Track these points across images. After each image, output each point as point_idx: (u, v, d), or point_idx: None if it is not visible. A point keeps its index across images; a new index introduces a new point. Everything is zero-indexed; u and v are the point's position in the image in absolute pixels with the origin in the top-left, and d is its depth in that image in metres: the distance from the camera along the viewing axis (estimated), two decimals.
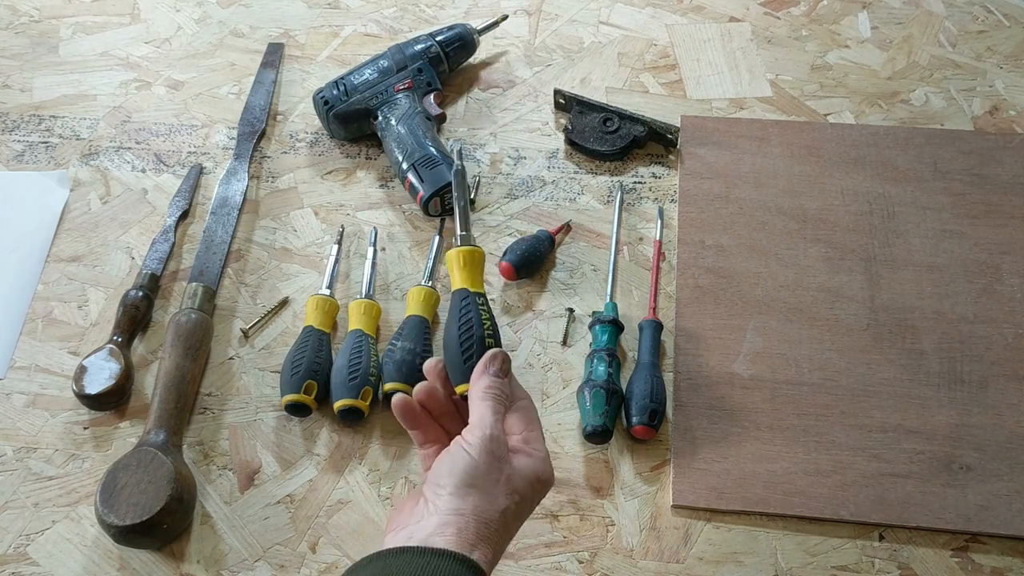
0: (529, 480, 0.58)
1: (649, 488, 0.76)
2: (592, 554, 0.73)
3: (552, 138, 0.97)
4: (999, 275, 0.86)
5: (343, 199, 0.93)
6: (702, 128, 0.96)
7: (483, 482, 0.56)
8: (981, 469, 0.76)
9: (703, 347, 0.83)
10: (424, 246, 0.90)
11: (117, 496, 0.71)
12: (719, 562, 0.73)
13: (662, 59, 1.03)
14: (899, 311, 0.84)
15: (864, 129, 0.96)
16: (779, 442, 0.78)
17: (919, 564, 0.73)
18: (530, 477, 0.58)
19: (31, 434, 0.80)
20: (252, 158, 0.96)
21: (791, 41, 1.04)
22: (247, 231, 0.91)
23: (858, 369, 0.81)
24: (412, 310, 0.83)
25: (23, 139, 0.98)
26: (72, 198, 0.94)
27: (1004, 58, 1.02)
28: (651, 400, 0.77)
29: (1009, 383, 0.80)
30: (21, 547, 0.75)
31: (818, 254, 0.88)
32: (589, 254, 0.89)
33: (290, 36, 1.06)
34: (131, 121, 1.00)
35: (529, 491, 0.58)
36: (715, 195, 0.92)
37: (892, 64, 1.02)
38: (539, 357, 0.83)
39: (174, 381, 0.78)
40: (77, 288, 0.88)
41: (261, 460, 0.78)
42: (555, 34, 1.06)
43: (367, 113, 0.94)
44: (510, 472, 0.57)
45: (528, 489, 0.58)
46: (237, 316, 0.86)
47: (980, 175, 0.92)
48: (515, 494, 0.57)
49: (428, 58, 0.97)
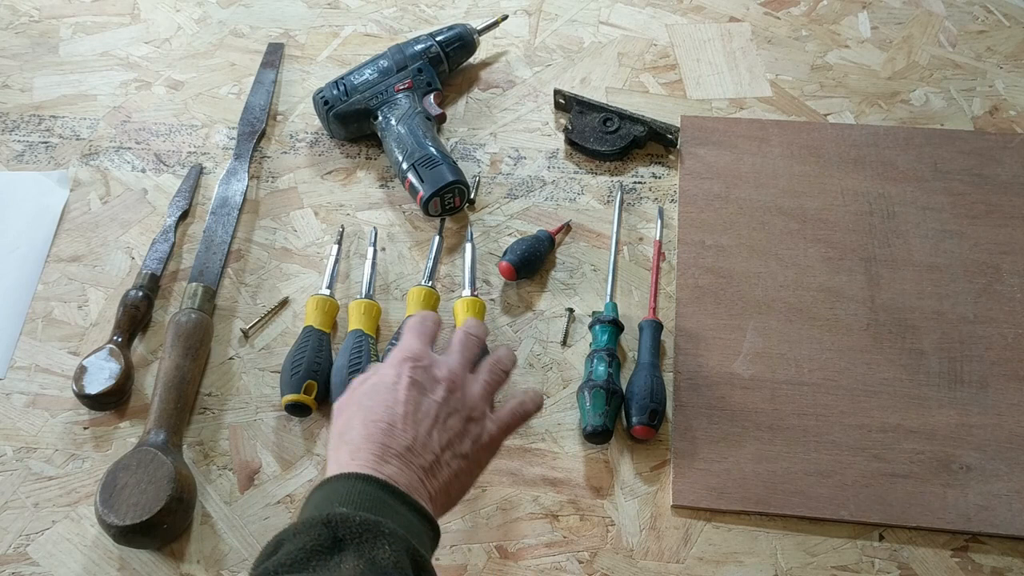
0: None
1: (649, 488, 0.76)
2: (592, 554, 0.73)
3: (552, 138, 0.97)
4: (999, 275, 0.86)
5: (343, 199, 0.93)
6: (702, 128, 0.96)
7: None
8: (981, 469, 0.76)
9: (703, 347, 0.83)
10: (424, 246, 0.90)
11: (117, 496, 0.71)
12: (719, 562, 0.73)
13: (662, 59, 1.03)
14: (899, 311, 0.84)
15: (864, 129, 0.96)
16: (779, 442, 0.78)
17: (919, 564, 0.73)
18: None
19: (31, 434, 0.80)
20: (252, 158, 0.96)
21: (791, 41, 1.04)
22: (247, 231, 0.91)
23: (858, 369, 0.81)
24: (412, 310, 0.83)
25: (23, 139, 0.99)
26: (72, 198, 0.94)
27: (1004, 58, 1.02)
28: (651, 400, 0.77)
29: (1009, 383, 0.80)
30: (21, 547, 0.75)
31: (818, 254, 0.88)
32: (589, 254, 0.89)
33: (290, 36, 1.06)
34: (131, 121, 1.00)
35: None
36: (715, 195, 0.92)
37: (892, 64, 1.02)
38: (539, 357, 0.83)
39: (174, 381, 0.78)
40: (77, 288, 0.88)
41: (261, 460, 0.78)
42: (555, 34, 1.06)
43: (367, 113, 0.94)
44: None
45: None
46: (237, 316, 0.86)
47: (980, 175, 0.92)
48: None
49: (428, 58, 0.97)
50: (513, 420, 0.68)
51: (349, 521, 0.54)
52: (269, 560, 0.54)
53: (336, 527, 0.54)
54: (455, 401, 0.65)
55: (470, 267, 0.86)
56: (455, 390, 0.65)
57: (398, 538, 0.55)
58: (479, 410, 0.66)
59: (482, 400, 0.66)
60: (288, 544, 0.54)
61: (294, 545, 0.53)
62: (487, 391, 0.67)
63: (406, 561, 0.54)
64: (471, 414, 0.65)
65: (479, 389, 0.67)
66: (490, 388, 0.68)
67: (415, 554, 0.55)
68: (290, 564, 0.52)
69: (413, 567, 0.55)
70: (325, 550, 0.53)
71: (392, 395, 0.63)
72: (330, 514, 0.55)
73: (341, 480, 0.58)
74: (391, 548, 0.54)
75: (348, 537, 0.54)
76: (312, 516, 0.55)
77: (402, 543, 0.55)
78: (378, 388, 0.64)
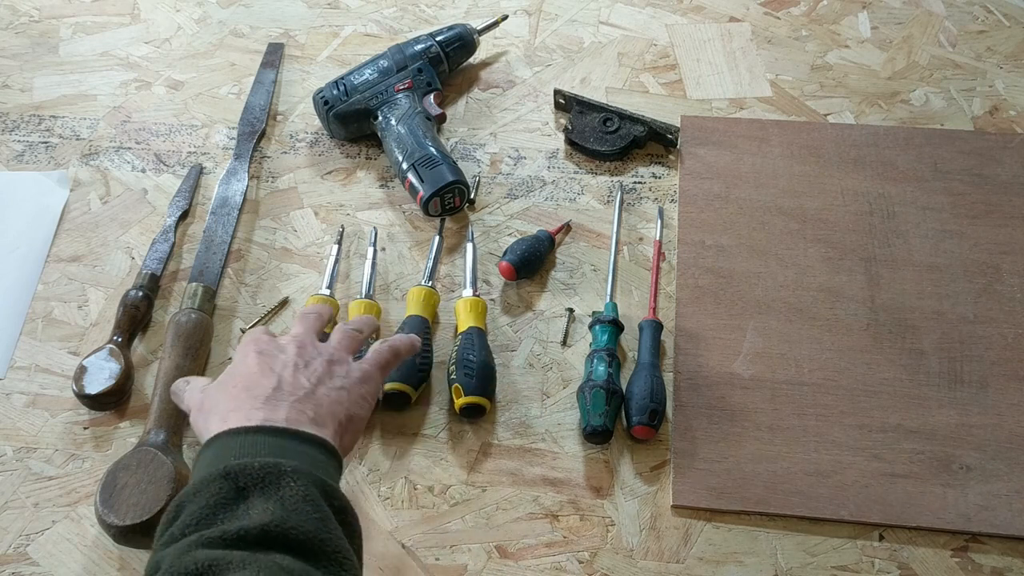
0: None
1: (649, 488, 0.76)
2: (592, 554, 0.73)
3: (552, 138, 0.97)
4: (999, 275, 0.86)
5: (343, 199, 0.93)
6: (702, 128, 0.96)
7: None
8: (981, 469, 0.76)
9: (703, 347, 0.83)
10: (424, 246, 0.90)
11: (117, 496, 0.71)
12: (719, 562, 0.73)
13: (662, 59, 1.03)
14: (899, 311, 0.84)
15: (864, 129, 0.96)
16: (779, 442, 0.78)
17: (919, 564, 0.73)
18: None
19: (31, 434, 0.80)
20: (252, 158, 0.95)
21: (791, 41, 1.04)
22: (247, 231, 0.91)
23: (858, 369, 0.81)
24: (412, 310, 0.83)
25: (23, 139, 0.98)
26: (72, 198, 0.94)
27: (1004, 58, 1.02)
28: (651, 400, 0.77)
29: (1009, 383, 0.80)
30: (21, 547, 0.75)
31: (818, 254, 0.88)
32: (589, 254, 0.89)
33: (290, 36, 1.06)
34: (131, 121, 1.00)
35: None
36: (715, 195, 0.92)
37: (892, 64, 1.02)
38: (539, 357, 0.83)
39: (174, 381, 0.78)
40: (77, 288, 0.88)
41: None
42: (555, 34, 1.06)
43: (367, 113, 0.94)
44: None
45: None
46: (237, 316, 0.86)
47: (980, 175, 0.92)
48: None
49: (428, 58, 0.97)
50: (382, 355, 0.68)
51: (248, 468, 0.54)
52: (173, 524, 0.53)
53: (236, 477, 0.53)
54: (308, 352, 0.65)
55: (471, 267, 0.86)
56: (304, 346, 0.66)
57: (301, 473, 0.54)
58: (338, 355, 0.66)
59: (338, 350, 0.67)
60: (190, 505, 0.53)
61: (196, 505, 0.53)
62: (340, 344, 0.67)
63: (315, 492, 0.54)
64: (331, 358, 0.65)
65: (333, 342, 0.67)
66: (343, 342, 0.68)
67: (322, 485, 0.55)
68: (196, 523, 0.52)
69: (323, 497, 0.54)
70: (229, 501, 0.53)
71: (243, 367, 0.64)
72: (227, 466, 0.54)
73: (224, 437, 0.58)
74: (296, 483, 0.53)
75: (250, 484, 0.53)
76: (207, 473, 0.54)
77: (306, 477, 0.54)
78: (229, 372, 0.65)
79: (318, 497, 0.54)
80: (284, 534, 0.51)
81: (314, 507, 0.53)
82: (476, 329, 0.81)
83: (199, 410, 0.64)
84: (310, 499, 0.53)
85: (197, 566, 0.48)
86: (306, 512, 0.53)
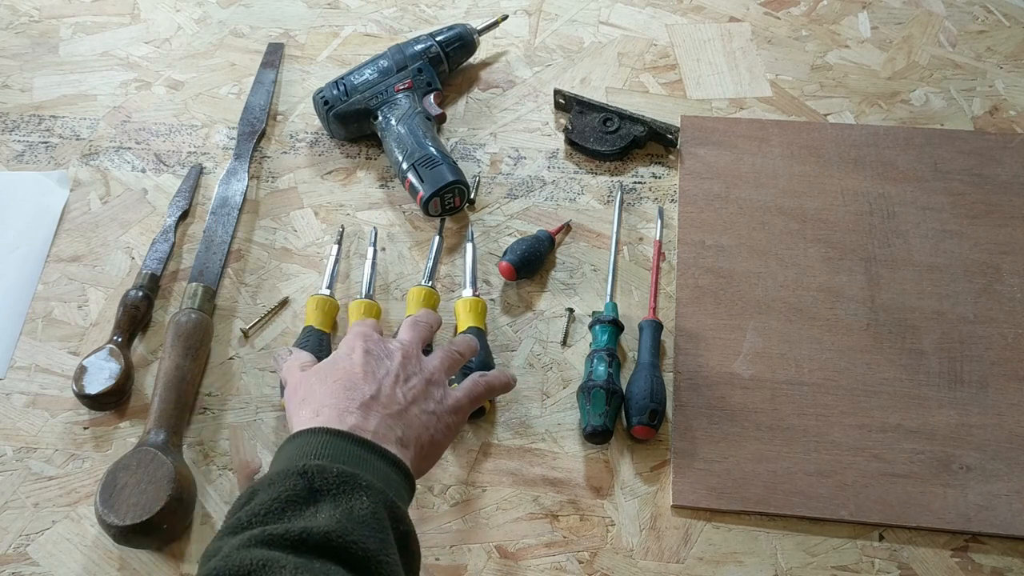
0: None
1: (649, 488, 0.76)
2: (592, 554, 0.73)
3: (552, 138, 0.97)
4: (999, 275, 0.86)
5: (343, 199, 0.93)
6: (702, 128, 0.96)
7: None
8: (981, 469, 0.76)
9: (703, 347, 0.83)
10: (424, 246, 0.90)
11: (117, 496, 0.71)
12: (719, 562, 0.73)
13: (662, 59, 1.03)
14: (899, 311, 0.84)
15: (864, 129, 0.96)
16: (779, 442, 0.78)
17: (919, 564, 0.73)
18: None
19: (31, 434, 0.80)
20: (252, 158, 0.95)
21: (791, 41, 1.04)
22: (247, 231, 0.91)
23: (858, 369, 0.81)
24: (412, 310, 0.83)
25: (23, 139, 0.99)
26: (72, 198, 0.94)
27: (1004, 58, 1.02)
28: (651, 400, 0.77)
29: (1009, 383, 0.80)
30: (21, 547, 0.75)
31: (818, 254, 0.88)
32: (589, 254, 0.89)
33: (290, 36, 1.06)
34: (131, 121, 1.00)
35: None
36: (715, 195, 0.92)
37: (892, 64, 1.02)
38: (539, 357, 0.83)
39: (174, 381, 0.78)
40: (77, 288, 0.88)
41: (261, 460, 0.78)
42: (555, 34, 1.06)
43: (367, 113, 0.94)
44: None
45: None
46: (237, 316, 0.86)
47: (980, 175, 0.92)
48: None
49: (428, 58, 0.97)
50: (476, 388, 0.68)
51: (326, 472, 0.54)
52: (242, 510, 0.53)
53: (312, 478, 0.53)
54: (411, 366, 0.65)
55: (471, 267, 0.86)
56: (410, 357, 0.66)
57: (375, 490, 0.54)
58: (438, 376, 0.66)
59: (439, 371, 0.67)
60: (262, 494, 0.53)
61: (268, 495, 0.53)
62: (443, 365, 0.68)
63: (383, 512, 0.54)
64: (431, 378, 0.65)
65: (436, 361, 0.68)
66: (445, 363, 0.68)
67: (392, 506, 0.55)
68: (264, 514, 0.52)
69: (391, 518, 0.54)
70: (301, 500, 0.53)
71: (348, 362, 0.64)
72: (306, 465, 0.54)
73: (311, 434, 0.58)
74: (368, 499, 0.53)
75: (324, 488, 0.53)
76: (286, 467, 0.54)
77: (379, 495, 0.54)
78: (334, 360, 0.65)
79: (385, 518, 0.54)
80: (345, 547, 0.51)
81: (379, 526, 0.53)
82: (476, 329, 0.81)
83: (294, 392, 0.65)
84: (378, 518, 0.53)
85: (252, 563, 0.48)
86: (371, 529, 0.52)
